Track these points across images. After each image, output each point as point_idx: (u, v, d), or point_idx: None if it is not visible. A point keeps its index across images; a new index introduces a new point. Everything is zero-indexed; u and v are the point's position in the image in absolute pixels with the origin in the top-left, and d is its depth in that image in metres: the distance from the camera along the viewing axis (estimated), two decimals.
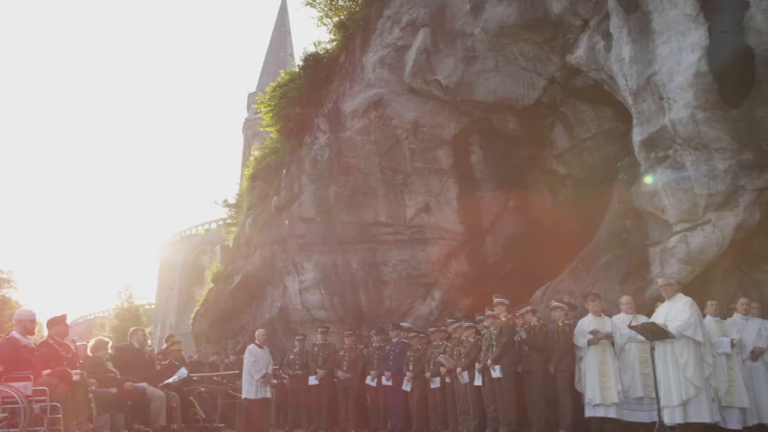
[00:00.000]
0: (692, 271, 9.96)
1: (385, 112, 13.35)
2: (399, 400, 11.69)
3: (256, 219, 16.59)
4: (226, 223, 21.27)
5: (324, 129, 14.34)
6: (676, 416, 8.19)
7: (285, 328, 15.11)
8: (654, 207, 10.21)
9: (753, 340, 9.36)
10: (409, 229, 13.39)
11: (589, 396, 9.04)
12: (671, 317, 8.54)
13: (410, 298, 13.66)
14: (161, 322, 48.75)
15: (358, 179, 13.70)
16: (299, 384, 12.96)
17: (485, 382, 9.74)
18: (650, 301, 10.03)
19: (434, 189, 13.27)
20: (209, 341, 18.05)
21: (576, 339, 9.37)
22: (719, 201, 9.66)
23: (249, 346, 12.72)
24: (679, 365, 8.33)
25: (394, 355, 11.90)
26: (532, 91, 12.38)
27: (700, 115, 9.27)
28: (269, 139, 18.10)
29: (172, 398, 9.75)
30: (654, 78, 9.75)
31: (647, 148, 10.14)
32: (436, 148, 13.17)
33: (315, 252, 14.39)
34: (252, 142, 47.14)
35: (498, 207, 13.28)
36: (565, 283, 11.05)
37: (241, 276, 16.54)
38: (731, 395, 8.79)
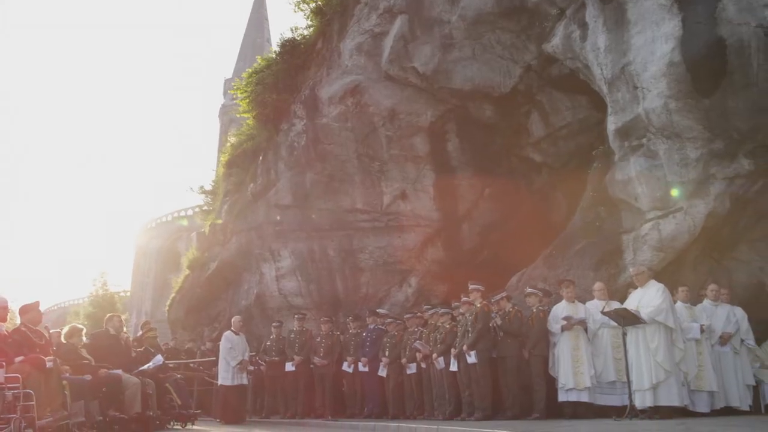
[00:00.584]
0: (664, 258, 10.12)
1: (362, 99, 13.34)
2: (375, 386, 11.77)
3: (232, 206, 16.52)
4: (202, 209, 21.10)
5: (301, 115, 14.29)
6: (647, 399, 8.34)
7: (262, 314, 15.10)
8: (627, 195, 10.34)
9: (722, 326, 9.56)
10: (385, 216, 13.43)
11: (563, 381, 9.17)
12: (644, 303, 8.68)
13: (387, 285, 13.73)
14: (137, 309, 48.37)
15: (335, 166, 13.69)
16: (276, 370, 12.99)
17: (460, 368, 9.83)
18: (623, 288, 10.17)
19: (411, 176, 13.31)
20: (185, 328, 17.97)
21: (550, 325, 9.49)
22: (691, 189, 9.81)
23: (225, 333, 12.73)
24: (650, 350, 8.47)
25: (370, 341, 11.97)
26: (508, 79, 12.45)
27: (673, 105, 9.41)
28: (245, 125, 18.00)
29: (147, 385, 9.72)
30: (628, 67, 9.86)
31: (621, 136, 10.25)
32: (413, 136, 13.20)
33: (291, 239, 14.38)
34: (228, 128, 46.76)
35: (474, 194, 13.36)
36: (540, 270, 11.17)
37: (218, 263, 16.47)
38: (700, 379, 8.97)
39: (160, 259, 48.74)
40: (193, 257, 18.38)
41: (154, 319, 31.86)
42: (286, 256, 14.50)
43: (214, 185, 19.92)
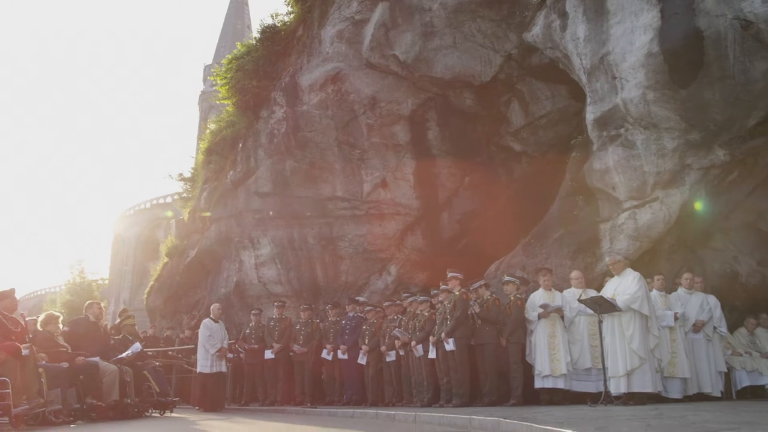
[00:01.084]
0: (640, 247, 10.24)
1: (343, 87, 13.29)
2: (354, 373, 11.81)
3: (211, 193, 16.41)
4: (181, 197, 20.92)
5: (281, 103, 14.21)
6: (622, 386, 8.46)
7: (241, 302, 15.07)
8: (605, 184, 10.42)
9: (695, 314, 9.73)
10: (365, 204, 13.43)
11: (539, 368, 9.28)
12: (620, 291, 8.77)
13: (366, 273, 13.75)
14: (115, 297, 47.99)
15: (315, 154, 13.64)
16: (255, 358, 12.98)
17: (439, 355, 9.90)
18: (600, 276, 10.29)
19: (391, 164, 13.30)
20: (164, 316, 17.90)
21: (527, 312, 9.58)
22: (667, 179, 9.93)
23: (204, 321, 12.67)
24: (625, 337, 8.58)
25: (349, 329, 12.00)
26: (489, 68, 12.45)
27: (650, 95, 9.48)
28: (225, 112, 17.85)
29: (125, 372, 9.68)
30: (607, 57, 9.91)
31: (600, 126, 10.32)
32: (394, 124, 13.18)
33: (271, 226, 14.34)
34: (208, 115, 46.42)
35: (454, 183, 13.39)
36: (518, 258, 11.26)
37: (197, 251, 16.39)
38: (673, 366, 9.13)
39: (139, 246, 48.37)
40: (171, 245, 18.28)
41: (133, 307, 31.70)
42: (266, 243, 14.47)
43: (193, 172, 19.76)
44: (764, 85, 9.10)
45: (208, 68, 50.75)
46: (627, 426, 5.09)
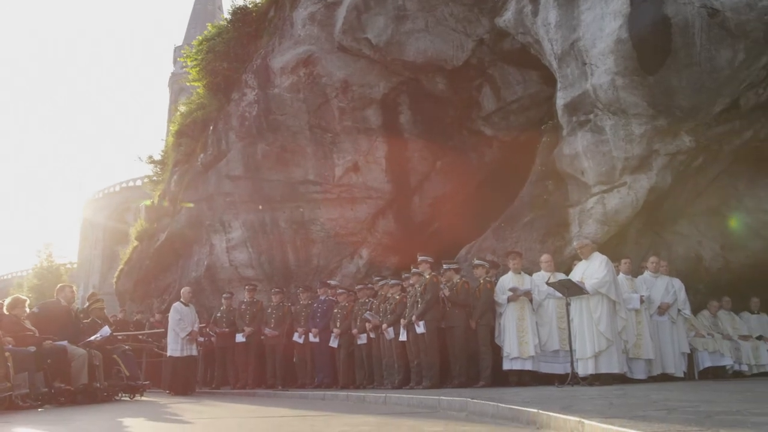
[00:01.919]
0: (608, 231, 10.41)
1: (315, 70, 13.21)
2: (326, 356, 11.87)
3: (182, 176, 16.24)
4: (151, 180, 20.61)
5: (252, 85, 14.08)
6: (589, 367, 8.62)
7: (212, 286, 14.99)
8: (574, 169, 10.56)
9: (660, 296, 9.94)
10: (337, 187, 13.41)
11: (507, 350, 9.41)
12: (588, 275, 8.92)
13: (338, 257, 13.76)
14: (84, 281, 47.35)
15: (287, 137, 13.57)
16: (226, 341, 12.96)
17: (410, 338, 9.98)
18: (569, 260, 10.44)
19: (363, 148, 13.29)
20: (134, 300, 17.73)
21: (496, 295, 9.69)
22: (635, 164, 10.09)
23: (174, 304, 12.61)
24: (593, 320, 8.72)
25: (321, 312, 12.03)
26: (461, 52, 12.48)
27: (619, 81, 9.61)
28: (196, 94, 17.62)
29: (94, 356, 9.59)
30: (578, 43, 10.00)
31: (569, 111, 10.43)
32: (366, 108, 13.16)
33: (243, 210, 14.26)
34: (178, 97, 45.72)
35: (426, 167, 13.43)
36: (489, 242, 11.36)
37: (167, 234, 16.23)
38: (638, 348, 9.32)
39: (108, 230, 47.71)
40: (141, 228, 18.05)
41: (102, 291, 31.31)
42: (237, 227, 14.39)
43: (163, 155, 19.49)
44: (729, 73, 9.28)
45: (179, 50, 49.94)
46: (591, 404, 5.21)
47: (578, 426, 4.19)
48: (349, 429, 5.20)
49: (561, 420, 4.45)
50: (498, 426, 5.04)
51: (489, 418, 5.55)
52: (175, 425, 6.13)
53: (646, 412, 4.53)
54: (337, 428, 5.30)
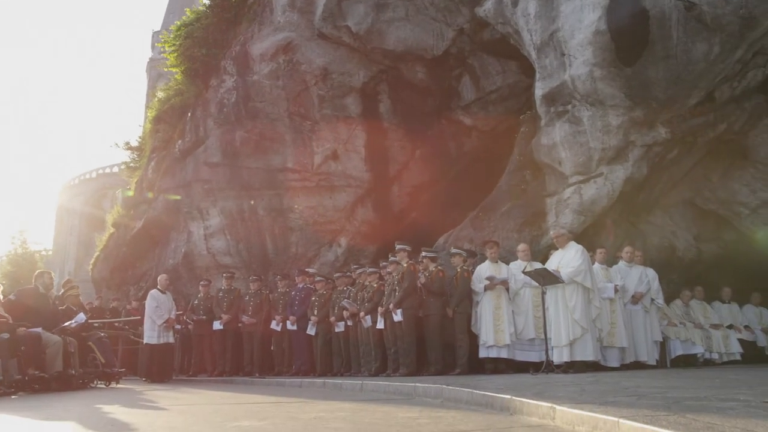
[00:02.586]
0: (584, 222, 10.52)
1: (295, 57, 13.15)
2: (303, 344, 11.88)
3: (159, 163, 16.10)
4: (128, 166, 20.40)
5: (231, 72, 13.98)
6: (564, 355, 8.73)
7: (189, 274, 14.92)
8: (552, 159, 10.63)
9: (634, 286, 10.06)
10: (316, 175, 13.39)
11: (484, 338, 9.49)
12: (564, 264, 9.01)
13: (316, 245, 13.76)
14: (59, 268, 46.83)
15: (266, 124, 13.51)
16: (203, 329, 12.92)
17: (387, 326, 10.03)
18: (546, 249, 10.54)
19: (342, 136, 13.27)
20: (110, 287, 17.59)
21: (473, 284, 9.75)
22: (611, 155, 10.19)
23: (151, 292, 12.53)
24: (568, 308, 8.82)
25: (299, 300, 12.03)
26: (441, 41, 12.50)
27: (597, 73, 9.68)
28: (174, 80, 17.46)
29: (69, 344, 9.52)
30: (557, 34, 10.05)
31: (548, 102, 10.49)
32: (345, 96, 13.14)
33: (220, 197, 14.19)
34: (156, 82, 45.15)
35: (405, 156, 13.46)
36: (467, 231, 11.42)
37: (144, 221, 16.11)
38: (612, 336, 9.44)
39: (84, 217, 47.21)
40: (118, 215, 17.89)
41: (78, 278, 30.97)
42: (215, 214, 14.32)
43: (140, 141, 19.30)
44: (705, 66, 9.39)
45: (157, 35, 49.31)
46: (563, 391, 5.29)
47: (550, 411, 4.26)
48: (324, 415, 5.24)
49: (533, 406, 4.52)
50: (472, 412, 5.10)
51: (463, 404, 5.61)
52: (150, 411, 6.12)
53: (616, 398, 4.62)
54: (313, 414, 5.33)
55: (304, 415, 5.27)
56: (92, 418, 5.38)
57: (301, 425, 4.62)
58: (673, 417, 3.46)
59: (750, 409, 3.79)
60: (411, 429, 4.16)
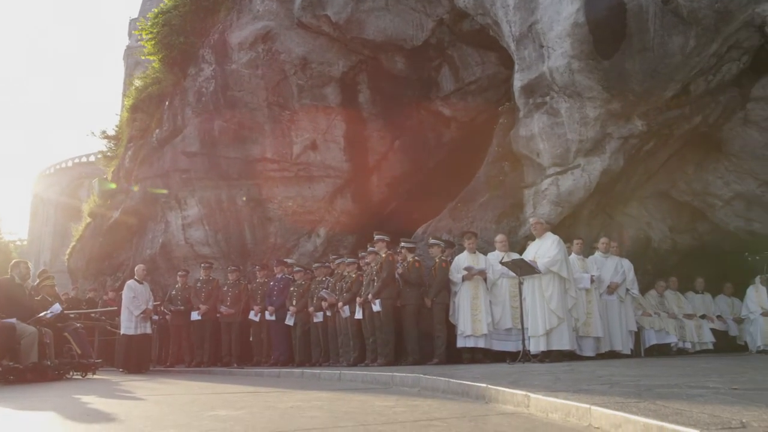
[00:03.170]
0: (561, 213, 10.61)
1: (274, 46, 13.07)
2: (282, 334, 11.88)
3: (136, 152, 15.93)
4: (105, 155, 20.15)
5: (209, 60, 13.86)
6: (540, 345, 8.83)
7: (167, 264, 14.82)
8: (530, 151, 10.70)
9: (610, 276, 10.20)
10: (295, 166, 13.34)
11: (461, 328, 9.55)
12: (540, 254, 9.09)
13: (296, 235, 13.73)
14: (35, 258, 46.25)
15: (244, 114, 13.42)
16: (181, 320, 12.87)
17: (365, 316, 10.06)
18: (523, 240, 10.62)
19: (321, 126, 13.23)
20: (86, 278, 17.41)
21: (451, 274, 9.81)
22: (588, 147, 10.28)
23: (128, 282, 12.44)
24: (545, 298, 8.92)
25: (277, 290, 12.02)
26: (420, 32, 12.49)
27: (575, 65, 9.75)
28: (151, 68, 17.24)
29: (44, 334, 9.41)
30: (536, 26, 10.10)
31: (526, 93, 10.54)
32: (325, 86, 13.09)
33: (199, 187, 14.09)
34: (134, 71, 44.56)
35: (384, 146, 13.45)
36: (445, 222, 11.47)
37: (121, 211, 15.95)
38: (588, 326, 9.56)
39: (60, 206, 46.64)
40: (94, 205, 17.70)
41: (54, 269, 30.66)
42: (193, 204, 14.22)
43: (117, 130, 19.07)
44: (681, 59, 9.50)
45: (134, 22, 48.64)
46: (538, 380, 5.36)
47: (524, 399, 4.31)
48: (301, 404, 5.25)
49: (508, 394, 4.58)
50: (448, 400, 5.15)
51: (440, 393, 5.66)
52: (127, 401, 6.09)
53: (590, 386, 4.68)
54: (290, 403, 5.34)
55: (281, 405, 5.28)
56: (68, 408, 5.35)
57: (278, 414, 4.63)
58: (643, 404, 3.53)
59: (719, 395, 3.87)
60: (387, 417, 4.20)
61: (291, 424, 4.07)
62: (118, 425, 4.24)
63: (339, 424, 3.93)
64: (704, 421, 2.91)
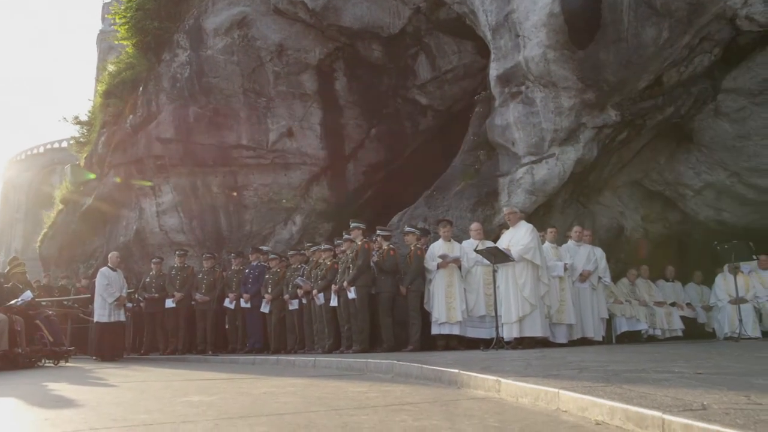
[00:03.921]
0: (536, 201, 10.70)
1: (250, 32, 12.97)
2: (257, 322, 11.86)
3: (110, 138, 15.74)
4: (78, 141, 19.86)
5: (184, 46, 13.71)
6: (513, 331, 8.92)
7: (141, 251, 14.70)
8: (505, 140, 10.76)
9: (583, 264, 10.31)
10: (271, 153, 13.29)
11: (436, 315, 9.61)
12: (514, 242, 9.17)
13: (271, 223, 13.70)
14: (5, 246, 45.59)
15: (220, 100, 13.32)
16: (155, 307, 12.79)
17: (341, 303, 10.09)
18: (498, 228, 10.70)
19: (298, 114, 13.18)
20: (59, 265, 17.22)
21: (426, 262, 9.85)
22: (563, 136, 10.36)
23: (101, 269, 12.34)
24: (518, 285, 9.00)
25: (253, 277, 11.99)
26: (397, 20, 12.47)
27: (550, 55, 9.81)
28: (125, 53, 17.01)
29: (15, 322, 9.33)
30: (512, 15, 10.13)
31: (502, 83, 10.59)
32: (301, 73, 13.03)
33: (173, 174, 13.97)
34: (107, 55, 43.88)
35: (360, 134, 13.45)
36: (421, 210, 11.51)
37: (94, 197, 15.77)
38: (561, 313, 9.69)
39: (31, 193, 45.92)
40: (67, 191, 17.46)
41: (25, 256, 30.17)
42: (168, 191, 14.11)
43: (90, 116, 18.80)
44: (654, 51, 9.61)
45: (107, 6, 47.82)
46: (510, 365, 5.43)
47: (495, 385, 4.37)
48: (275, 390, 5.27)
49: (480, 379, 4.64)
50: (421, 386, 5.20)
51: (413, 378, 5.71)
52: (98, 388, 6.06)
53: (560, 371, 4.76)
54: (264, 389, 5.36)
55: (255, 390, 5.29)
56: (38, 395, 5.32)
57: (251, 399, 4.65)
58: (610, 388, 3.60)
59: (683, 379, 3.96)
60: (359, 402, 4.23)
61: (264, 408, 4.09)
62: (89, 411, 4.22)
63: (311, 409, 3.96)
64: (667, 403, 2.98)
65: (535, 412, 3.57)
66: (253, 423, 3.48)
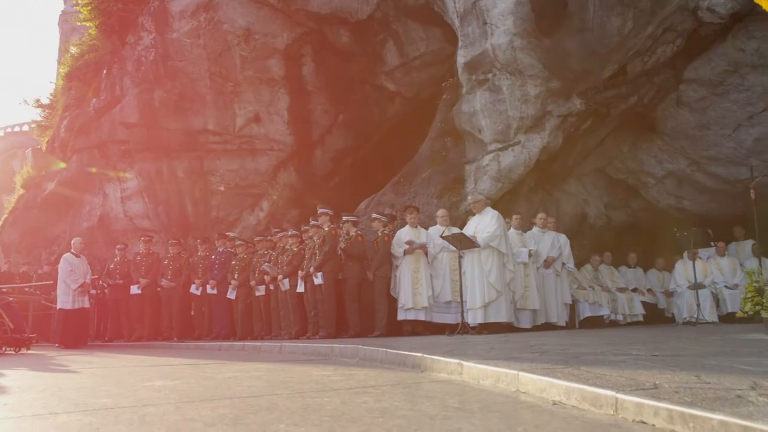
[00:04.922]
0: (502, 188, 10.80)
1: (216, 16, 12.80)
2: (224, 308, 11.80)
3: (72, 121, 15.44)
4: (39, 124, 19.46)
5: (149, 28, 13.48)
6: (478, 317, 9.01)
7: (106, 237, 14.49)
8: (472, 127, 10.82)
9: (547, 251, 10.46)
10: (238, 138, 13.18)
11: (402, 301, 9.67)
12: (480, 229, 9.24)
13: (238, 209, 13.61)
14: None
15: (186, 84, 13.15)
16: (120, 293, 12.65)
17: (307, 289, 10.09)
18: (464, 215, 10.77)
19: (265, 99, 13.08)
20: (20, 251, 16.88)
21: (393, 248, 9.90)
22: (529, 124, 10.46)
23: (65, 255, 12.13)
24: (484, 272, 9.08)
25: (219, 264, 11.92)
26: (365, 5, 12.41)
27: (517, 42, 9.87)
28: (88, 35, 16.68)
29: None
30: (479, 3, 10.16)
31: (469, 70, 10.63)
32: (268, 57, 12.91)
33: (138, 159, 13.77)
34: (69, 37, 42.88)
35: (328, 120, 13.40)
36: (388, 196, 11.54)
37: (56, 182, 15.48)
38: (525, 299, 9.83)
39: None
40: (28, 176, 17.11)
41: None
42: (132, 176, 13.91)
43: (52, 99, 18.42)
44: (618, 40, 9.75)
45: None
46: (473, 350, 5.51)
47: (458, 368, 4.44)
48: (240, 374, 5.28)
49: (443, 363, 4.70)
50: (385, 369, 5.25)
51: (378, 363, 5.76)
52: (60, 374, 6.00)
53: (521, 354, 4.85)
54: (228, 374, 5.36)
55: (219, 375, 5.29)
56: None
57: (215, 384, 4.65)
58: (568, 369, 3.69)
59: (639, 361, 4.07)
60: (323, 385, 4.27)
61: (227, 392, 4.10)
62: (50, 396, 4.18)
63: (275, 392, 3.98)
64: (621, 383, 3.07)
65: (495, 393, 3.65)
66: (216, 405, 3.49)
